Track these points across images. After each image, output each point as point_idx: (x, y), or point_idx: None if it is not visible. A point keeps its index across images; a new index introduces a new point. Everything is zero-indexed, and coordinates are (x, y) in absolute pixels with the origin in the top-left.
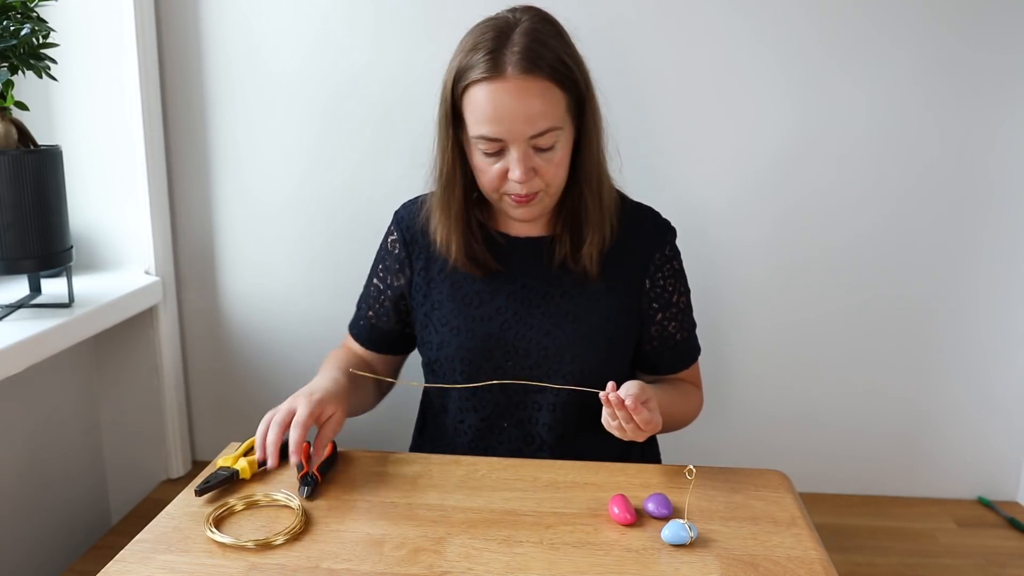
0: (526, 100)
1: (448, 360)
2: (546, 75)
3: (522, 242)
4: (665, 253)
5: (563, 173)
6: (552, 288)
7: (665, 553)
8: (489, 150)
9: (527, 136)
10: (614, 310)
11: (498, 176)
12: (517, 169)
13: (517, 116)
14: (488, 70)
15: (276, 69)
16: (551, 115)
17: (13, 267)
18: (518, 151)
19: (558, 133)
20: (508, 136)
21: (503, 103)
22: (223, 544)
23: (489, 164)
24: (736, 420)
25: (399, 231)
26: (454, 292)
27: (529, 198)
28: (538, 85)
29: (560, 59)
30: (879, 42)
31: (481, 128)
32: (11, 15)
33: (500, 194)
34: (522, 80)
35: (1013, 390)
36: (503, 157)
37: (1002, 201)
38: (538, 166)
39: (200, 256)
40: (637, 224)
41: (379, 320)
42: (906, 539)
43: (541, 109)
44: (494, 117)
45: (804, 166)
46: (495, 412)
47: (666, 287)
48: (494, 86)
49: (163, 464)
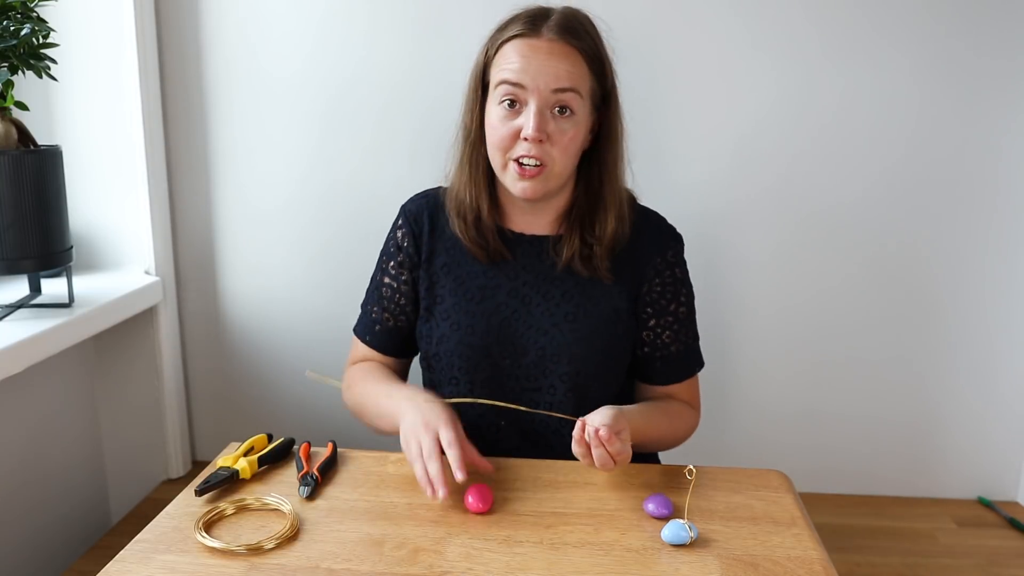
0: (556, 58)
1: (447, 355)
2: (579, 48)
3: (527, 239)
4: (667, 258)
5: (573, 151)
6: (553, 288)
7: (665, 553)
8: (508, 96)
9: (550, 88)
10: (613, 312)
11: (510, 135)
12: (531, 122)
13: (544, 68)
14: (526, 28)
15: (276, 69)
16: (576, 78)
17: (13, 267)
18: (536, 104)
19: (579, 101)
20: (531, 84)
21: (534, 55)
22: (214, 548)
23: (504, 121)
24: (737, 420)
25: (407, 224)
26: (456, 287)
27: (533, 172)
28: (570, 52)
29: (595, 45)
30: (880, 46)
31: (506, 73)
32: (11, 15)
33: (507, 159)
34: (556, 42)
35: (1013, 390)
36: (519, 115)
37: (1003, 203)
38: (552, 132)
39: (200, 256)
40: (643, 228)
41: (397, 321)
42: (906, 539)
43: (568, 70)
44: (522, 65)
45: (806, 168)
46: (493, 411)
47: (664, 293)
48: (529, 41)
49: (163, 464)
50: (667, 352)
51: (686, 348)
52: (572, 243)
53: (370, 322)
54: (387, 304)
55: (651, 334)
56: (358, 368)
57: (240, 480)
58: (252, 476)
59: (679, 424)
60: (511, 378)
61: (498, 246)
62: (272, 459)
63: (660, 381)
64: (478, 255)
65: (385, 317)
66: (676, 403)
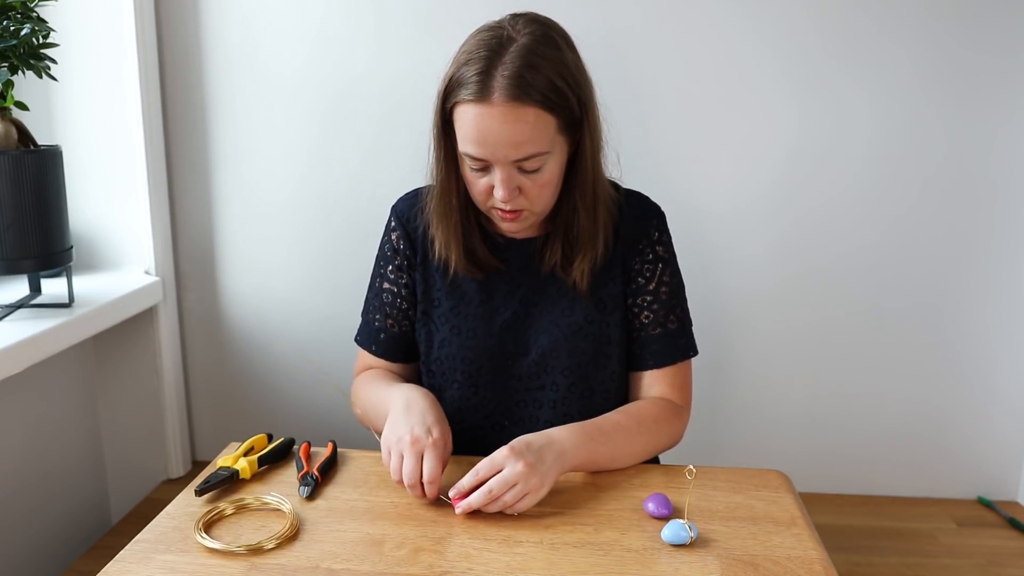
0: (512, 126)
1: (449, 359)
2: (534, 101)
3: (516, 242)
4: (651, 238)
5: (549, 193)
6: (548, 285)
7: (665, 553)
8: (475, 166)
9: (511, 159)
10: (608, 298)
11: (485, 191)
12: (500, 189)
13: (502, 140)
14: (475, 92)
15: (276, 69)
16: (538, 141)
17: (13, 267)
18: (502, 172)
19: (545, 157)
20: (492, 158)
21: (488, 127)
22: (214, 549)
23: (476, 178)
24: (737, 420)
25: (400, 225)
26: (452, 290)
27: (515, 215)
28: (525, 112)
29: (551, 84)
30: (882, 48)
31: (467, 147)
32: (11, 15)
33: (487, 207)
34: (508, 107)
35: (1013, 391)
36: (489, 174)
37: (1004, 206)
38: (523, 185)
39: (200, 256)
40: (625, 211)
41: (402, 326)
42: (906, 539)
43: (528, 136)
44: (479, 139)
45: (807, 171)
46: (496, 411)
47: (642, 271)
48: (480, 109)
49: (163, 464)
50: (646, 334)
51: (667, 332)
52: (555, 250)
53: (373, 331)
54: (390, 310)
55: (630, 314)
56: (362, 379)
57: (240, 480)
58: (252, 476)
59: (655, 432)
60: (514, 378)
61: (491, 261)
62: (272, 459)
63: (638, 366)
64: (475, 275)
65: (389, 324)
66: (654, 408)
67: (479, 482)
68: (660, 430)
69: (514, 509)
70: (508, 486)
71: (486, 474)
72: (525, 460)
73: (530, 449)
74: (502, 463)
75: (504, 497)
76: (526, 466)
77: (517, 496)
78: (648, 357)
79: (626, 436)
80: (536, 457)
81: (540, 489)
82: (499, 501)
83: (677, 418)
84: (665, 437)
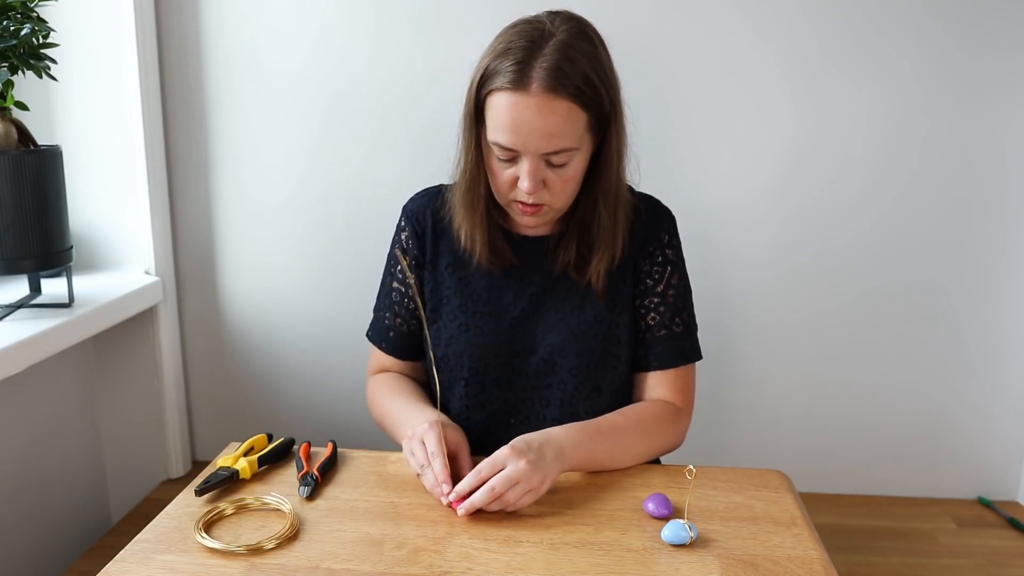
0: (546, 117)
1: (456, 356)
2: (570, 95)
3: (529, 239)
4: (661, 241)
5: (572, 189)
6: (558, 284)
7: (665, 553)
8: (503, 156)
9: (541, 152)
10: (619, 298)
11: (509, 182)
12: (527, 180)
13: (535, 131)
14: (513, 81)
15: (276, 69)
16: (568, 135)
17: (13, 267)
18: (530, 163)
19: (573, 153)
20: (522, 148)
21: (522, 116)
22: (213, 549)
23: (502, 169)
24: (737, 419)
25: (410, 225)
26: (461, 288)
27: (535, 209)
28: (560, 104)
29: (587, 79)
30: (881, 47)
31: (498, 135)
32: (11, 15)
33: (508, 200)
34: (545, 97)
35: (1013, 391)
36: (515, 165)
37: (1005, 204)
38: (548, 179)
39: (200, 256)
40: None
41: (409, 325)
42: (906, 539)
43: (560, 128)
44: (512, 128)
45: (808, 168)
46: (503, 409)
47: (651, 273)
48: (516, 98)
49: (163, 464)
50: (651, 336)
51: (672, 334)
52: (569, 249)
53: (383, 328)
54: (398, 309)
55: (636, 315)
56: (378, 382)
57: (240, 480)
58: (252, 476)
59: (655, 433)
60: (521, 376)
61: (508, 255)
62: (272, 459)
63: (642, 367)
64: (494, 269)
65: (398, 322)
66: (654, 409)
67: (481, 482)
68: (660, 431)
69: (515, 506)
70: (511, 484)
71: (488, 473)
72: (527, 458)
73: (530, 447)
74: (504, 462)
75: (507, 495)
76: (528, 464)
77: (519, 494)
78: (652, 359)
79: (625, 436)
80: (537, 455)
81: (542, 486)
82: (501, 499)
83: (677, 421)
84: (665, 439)
